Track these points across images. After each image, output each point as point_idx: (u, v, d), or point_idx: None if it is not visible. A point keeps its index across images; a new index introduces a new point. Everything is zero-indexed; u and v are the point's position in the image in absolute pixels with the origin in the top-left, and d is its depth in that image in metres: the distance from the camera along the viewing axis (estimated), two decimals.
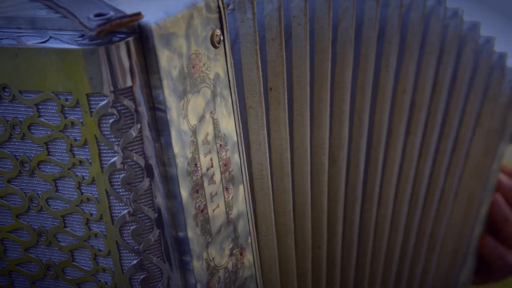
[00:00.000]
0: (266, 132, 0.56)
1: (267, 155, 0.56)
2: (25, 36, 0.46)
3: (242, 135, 0.54)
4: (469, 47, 0.71)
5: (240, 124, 0.54)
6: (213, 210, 0.51)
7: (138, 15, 0.43)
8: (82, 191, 0.48)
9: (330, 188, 0.63)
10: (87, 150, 0.46)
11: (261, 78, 0.54)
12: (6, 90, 0.47)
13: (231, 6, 0.53)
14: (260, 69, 0.54)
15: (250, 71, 0.53)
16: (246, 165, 0.55)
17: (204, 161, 0.50)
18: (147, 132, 0.47)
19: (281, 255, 0.59)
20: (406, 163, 0.69)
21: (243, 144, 0.54)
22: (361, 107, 0.64)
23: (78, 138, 0.46)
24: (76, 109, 0.46)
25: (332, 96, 0.61)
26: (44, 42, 0.45)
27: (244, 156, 0.54)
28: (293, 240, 0.60)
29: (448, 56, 0.70)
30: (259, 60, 0.54)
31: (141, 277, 0.49)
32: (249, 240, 0.55)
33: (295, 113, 0.58)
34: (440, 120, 0.71)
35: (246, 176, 0.54)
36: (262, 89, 0.54)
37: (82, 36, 0.45)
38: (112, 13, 0.44)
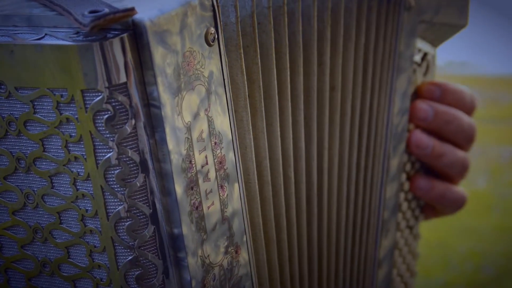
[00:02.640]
0: (252, 136, 0.55)
1: (254, 159, 0.56)
2: (21, 33, 0.47)
3: (237, 133, 0.54)
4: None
5: (235, 123, 0.54)
6: (208, 207, 0.51)
7: (131, 10, 0.44)
8: (78, 187, 0.48)
9: (296, 200, 0.62)
10: (82, 146, 0.47)
11: (245, 82, 0.54)
12: (2, 86, 0.47)
13: None
14: (244, 73, 0.54)
15: (235, 75, 0.53)
16: (241, 164, 0.55)
17: (198, 158, 0.50)
18: (141, 128, 0.47)
19: (268, 261, 0.59)
20: (340, 162, 0.66)
21: (238, 143, 0.54)
22: (309, 114, 0.62)
23: (73, 134, 0.47)
24: (71, 105, 0.46)
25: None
26: (40, 39, 0.46)
27: (239, 155, 0.54)
28: (276, 250, 0.60)
29: (360, 30, 0.64)
30: (244, 65, 0.53)
31: (136, 273, 0.49)
32: (244, 239, 0.55)
33: (266, 123, 0.57)
34: (359, 104, 0.66)
35: (241, 175, 0.55)
36: (247, 93, 0.54)
37: (77, 33, 0.46)
38: (106, 10, 0.44)
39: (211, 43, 0.50)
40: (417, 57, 0.71)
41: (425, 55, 0.72)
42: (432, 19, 0.70)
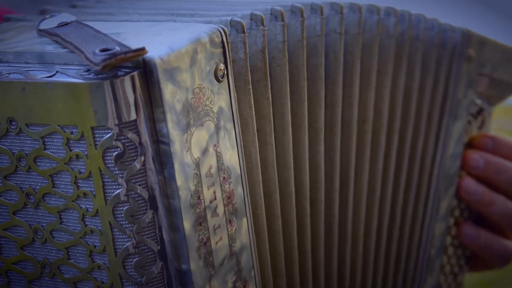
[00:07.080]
0: (260, 171, 0.55)
1: (262, 194, 0.56)
2: (33, 70, 0.47)
3: (245, 167, 0.54)
4: (411, 43, 0.66)
5: (244, 157, 0.54)
6: (216, 243, 0.51)
7: (142, 50, 0.44)
8: (86, 223, 0.48)
9: (312, 231, 0.62)
10: (91, 182, 0.47)
11: (254, 117, 0.54)
12: (13, 123, 0.48)
13: None
14: (253, 108, 0.54)
15: (244, 110, 0.54)
16: (249, 198, 0.55)
17: (207, 194, 0.50)
18: (150, 165, 0.47)
19: None
20: (370, 195, 0.67)
21: (246, 177, 0.54)
22: (331, 146, 0.62)
23: (82, 171, 0.47)
24: (81, 141, 0.46)
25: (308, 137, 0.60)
26: (51, 76, 0.46)
27: (248, 189, 0.55)
28: (285, 284, 0.59)
29: (400, 67, 0.66)
30: (252, 100, 0.54)
31: None
32: (253, 273, 0.55)
33: (277, 156, 0.57)
34: (397, 139, 0.68)
35: (249, 209, 0.55)
36: (255, 128, 0.54)
37: (88, 70, 0.46)
38: (117, 48, 0.45)
39: (221, 79, 0.51)
40: (473, 110, 0.74)
41: (481, 110, 0.75)
42: (492, 74, 0.73)
